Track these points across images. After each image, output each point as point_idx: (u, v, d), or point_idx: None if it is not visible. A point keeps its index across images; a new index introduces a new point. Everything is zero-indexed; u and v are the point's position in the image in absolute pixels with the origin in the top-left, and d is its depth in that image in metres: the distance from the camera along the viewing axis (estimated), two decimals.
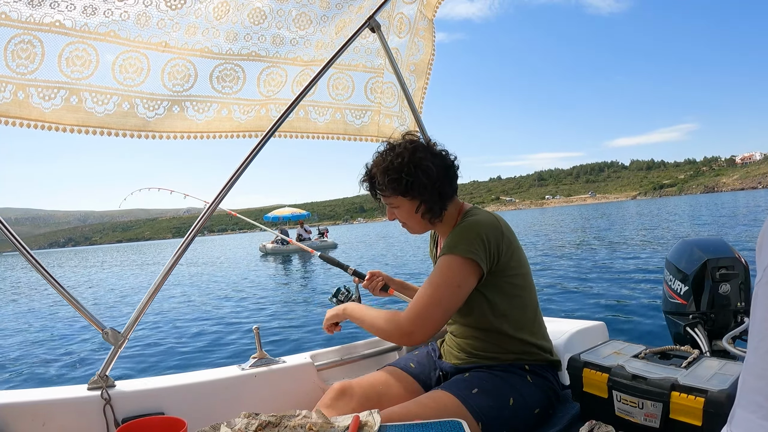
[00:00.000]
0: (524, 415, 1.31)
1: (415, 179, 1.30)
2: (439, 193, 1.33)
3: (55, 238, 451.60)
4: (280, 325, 6.54)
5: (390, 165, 1.32)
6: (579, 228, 22.50)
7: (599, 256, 10.84)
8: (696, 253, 1.95)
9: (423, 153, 1.33)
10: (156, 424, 1.12)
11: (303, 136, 1.89)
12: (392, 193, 1.34)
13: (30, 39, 1.28)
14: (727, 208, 29.66)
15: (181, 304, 9.09)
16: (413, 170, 1.30)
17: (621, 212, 44.79)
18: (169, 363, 5.14)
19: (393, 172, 1.31)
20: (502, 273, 1.31)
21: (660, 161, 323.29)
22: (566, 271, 8.92)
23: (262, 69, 1.67)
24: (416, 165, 1.30)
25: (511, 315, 1.35)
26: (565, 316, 1.96)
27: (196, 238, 1.51)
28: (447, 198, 1.36)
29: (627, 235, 15.77)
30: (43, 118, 1.35)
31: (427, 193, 1.32)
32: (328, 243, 23.69)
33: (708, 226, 15.83)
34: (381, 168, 1.34)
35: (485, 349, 1.38)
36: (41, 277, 1.28)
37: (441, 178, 1.32)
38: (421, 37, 2.03)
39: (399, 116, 2.12)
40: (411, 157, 1.31)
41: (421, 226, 1.40)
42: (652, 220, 24.87)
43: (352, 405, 1.34)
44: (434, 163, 1.32)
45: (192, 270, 16.31)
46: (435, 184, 1.31)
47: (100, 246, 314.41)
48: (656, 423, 1.23)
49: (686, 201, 75.83)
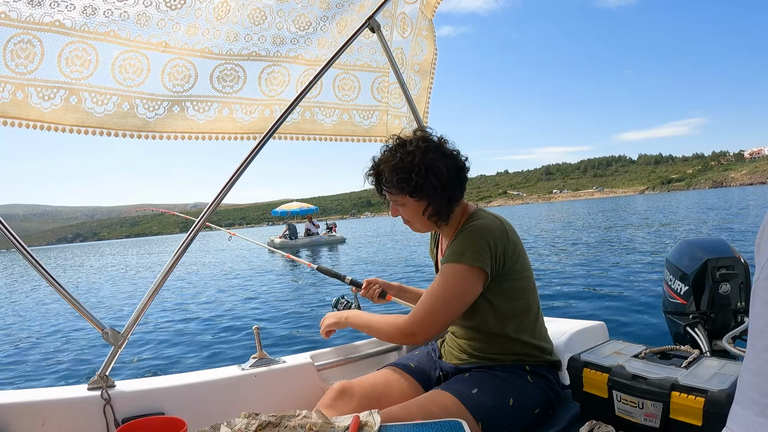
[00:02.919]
0: (524, 415, 1.31)
1: (425, 181, 1.25)
2: (448, 197, 1.30)
3: (63, 234, 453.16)
4: (281, 325, 6.54)
5: (400, 163, 1.27)
6: (582, 226, 22.49)
7: (599, 255, 10.85)
8: (696, 253, 1.95)
9: (435, 153, 1.28)
10: (156, 424, 1.12)
11: (310, 138, 1.88)
12: (399, 193, 1.30)
13: (29, 38, 1.27)
14: (736, 205, 29.36)
15: (182, 304, 9.09)
16: (424, 172, 1.25)
17: (630, 207, 44.63)
18: (169, 363, 5.14)
19: (402, 171, 1.26)
20: (507, 276, 1.31)
21: (668, 156, 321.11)
22: (566, 271, 8.92)
23: (263, 68, 1.67)
24: (427, 166, 1.25)
25: (513, 317, 1.35)
26: (565, 316, 1.95)
27: (203, 233, 1.51)
28: (455, 201, 1.33)
29: (629, 233, 15.77)
30: (42, 119, 1.35)
31: (436, 196, 1.28)
32: (336, 237, 23.41)
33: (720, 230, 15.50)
34: (390, 165, 1.29)
35: (486, 350, 1.38)
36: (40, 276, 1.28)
37: (452, 181, 1.28)
38: (423, 36, 2.03)
39: (407, 116, 2.10)
40: (422, 157, 1.26)
41: (425, 226, 1.39)
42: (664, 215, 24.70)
43: (352, 405, 1.34)
44: (446, 165, 1.27)
45: (196, 267, 16.32)
46: (445, 188, 1.27)
47: (108, 241, 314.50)
48: (656, 423, 1.23)
49: (694, 196, 75.65)
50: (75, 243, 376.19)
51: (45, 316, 9.08)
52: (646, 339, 4.00)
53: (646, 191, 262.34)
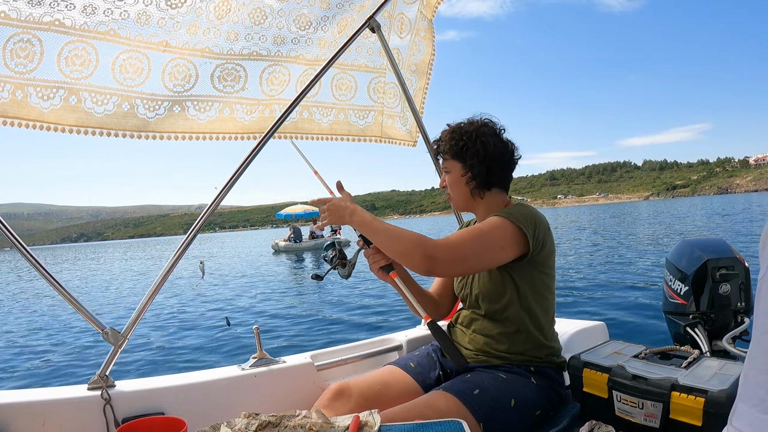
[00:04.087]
0: (525, 416, 1.31)
1: (471, 145, 1.38)
2: (488, 168, 1.38)
3: (67, 234, 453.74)
4: (281, 324, 6.54)
5: (457, 128, 1.43)
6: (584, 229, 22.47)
7: (600, 255, 10.85)
8: (696, 253, 1.95)
9: (488, 130, 1.41)
10: (156, 424, 1.12)
11: (308, 137, 1.89)
12: (448, 154, 1.42)
13: (29, 38, 1.27)
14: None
15: (183, 303, 9.09)
16: (473, 138, 1.38)
17: (634, 213, 44.51)
18: (169, 362, 5.14)
19: (456, 134, 1.41)
20: (539, 266, 1.35)
21: (673, 161, 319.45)
22: (566, 271, 8.92)
23: (264, 68, 1.67)
24: (477, 135, 1.39)
25: (533, 312, 1.37)
26: (565, 316, 1.95)
27: (208, 235, 1.50)
28: (495, 178, 1.41)
29: (629, 234, 15.76)
30: (41, 118, 1.34)
31: (477, 162, 1.38)
32: (340, 240, 23.47)
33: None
34: (449, 130, 1.44)
35: (496, 346, 1.38)
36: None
37: (495, 156, 1.39)
38: (421, 37, 2.03)
39: (401, 117, 2.11)
40: (477, 129, 1.41)
41: (464, 197, 1.44)
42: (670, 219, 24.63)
43: (350, 405, 1.33)
44: (494, 142, 1.40)
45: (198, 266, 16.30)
46: (488, 157, 1.38)
47: (111, 242, 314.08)
48: (656, 423, 1.23)
49: (699, 202, 75.55)
50: (79, 243, 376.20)
51: (45, 316, 9.07)
52: (646, 339, 4.00)
53: (651, 197, 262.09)
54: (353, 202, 1.34)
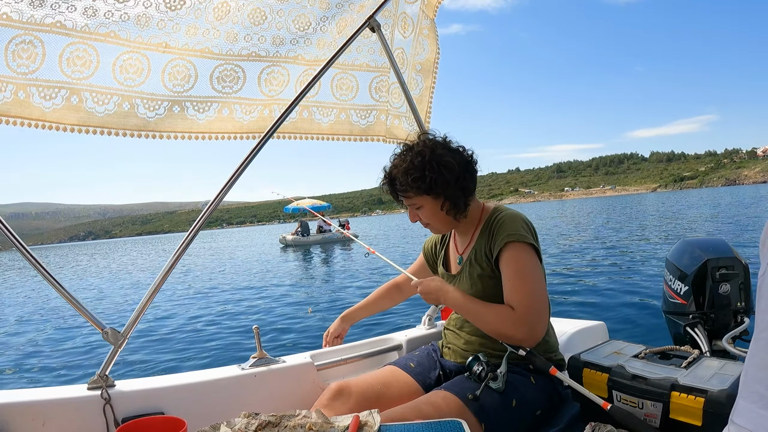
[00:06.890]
0: (526, 416, 1.31)
1: (438, 176, 1.30)
2: (462, 188, 1.35)
3: (75, 232, 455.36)
4: (281, 324, 6.54)
5: (411, 165, 1.32)
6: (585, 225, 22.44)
7: (600, 255, 10.84)
8: (696, 253, 1.95)
9: (442, 149, 1.34)
10: (156, 423, 1.12)
11: (308, 137, 1.89)
12: (416, 193, 1.34)
13: (31, 39, 1.28)
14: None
15: (184, 303, 9.09)
16: (436, 167, 1.30)
17: (640, 205, 44.30)
18: (168, 362, 5.14)
19: (415, 171, 1.31)
20: None
21: (680, 153, 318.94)
22: (566, 271, 8.92)
23: (263, 68, 1.67)
24: (438, 162, 1.31)
25: None
26: (565, 316, 1.96)
27: (214, 230, 1.51)
28: (469, 193, 1.38)
29: (630, 233, 15.76)
30: (43, 118, 1.35)
31: (451, 189, 1.33)
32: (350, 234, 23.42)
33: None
34: (402, 169, 1.33)
35: (493, 345, 1.38)
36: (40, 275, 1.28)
37: (463, 173, 1.34)
38: (425, 36, 2.02)
39: (407, 116, 2.09)
40: (432, 154, 1.32)
41: (445, 224, 1.41)
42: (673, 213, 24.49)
43: (349, 405, 1.33)
44: (455, 159, 1.34)
45: (204, 264, 16.25)
46: (458, 180, 1.33)
47: (119, 239, 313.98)
48: (656, 423, 1.23)
49: (707, 194, 75.16)
50: (87, 241, 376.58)
51: (45, 315, 9.08)
52: (646, 339, 4.00)
53: (659, 189, 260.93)
54: (444, 282, 1.40)
